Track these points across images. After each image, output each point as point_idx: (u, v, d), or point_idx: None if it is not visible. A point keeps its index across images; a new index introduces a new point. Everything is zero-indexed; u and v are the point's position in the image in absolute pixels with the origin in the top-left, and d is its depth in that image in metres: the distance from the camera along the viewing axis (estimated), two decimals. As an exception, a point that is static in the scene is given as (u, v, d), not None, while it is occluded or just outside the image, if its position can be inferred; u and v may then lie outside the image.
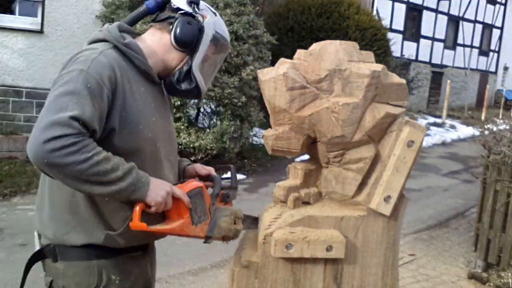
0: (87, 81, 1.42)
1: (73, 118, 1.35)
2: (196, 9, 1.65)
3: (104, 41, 1.57)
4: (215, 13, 1.72)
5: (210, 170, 1.85)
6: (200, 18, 1.64)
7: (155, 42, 1.64)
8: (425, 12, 18.25)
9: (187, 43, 1.62)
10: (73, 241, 1.52)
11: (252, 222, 1.73)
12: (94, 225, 1.51)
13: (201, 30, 1.64)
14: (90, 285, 1.52)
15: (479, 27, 21.17)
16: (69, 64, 1.48)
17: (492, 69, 22.91)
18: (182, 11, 1.63)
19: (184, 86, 1.67)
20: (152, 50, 1.63)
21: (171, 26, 1.63)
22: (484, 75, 22.13)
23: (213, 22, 1.67)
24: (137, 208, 1.45)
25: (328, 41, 1.47)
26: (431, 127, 13.82)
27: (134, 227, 1.46)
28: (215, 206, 1.63)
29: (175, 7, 1.64)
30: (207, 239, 1.58)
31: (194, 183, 1.59)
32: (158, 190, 1.47)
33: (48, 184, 1.57)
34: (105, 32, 1.59)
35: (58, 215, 1.53)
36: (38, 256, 1.59)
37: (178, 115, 7.08)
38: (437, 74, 19.38)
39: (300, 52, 1.49)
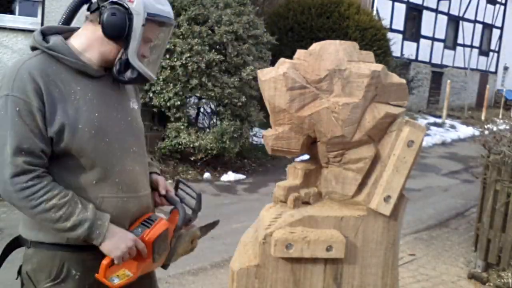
0: (15, 105, 1.45)
1: (16, 154, 1.44)
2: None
3: (35, 48, 1.58)
4: None
5: (171, 191, 1.80)
6: (127, 4, 1.56)
7: (89, 36, 1.60)
8: (425, 12, 18.24)
9: (117, 35, 1.57)
10: (42, 239, 1.56)
11: (207, 229, 1.85)
12: None
13: (130, 17, 1.56)
14: (50, 274, 1.54)
15: (479, 27, 21.16)
16: None
17: (492, 69, 22.90)
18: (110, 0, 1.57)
19: (127, 76, 1.62)
20: (88, 45, 1.60)
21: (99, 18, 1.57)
22: (484, 75, 22.13)
23: (142, 4, 1.57)
24: (104, 263, 1.49)
25: (328, 41, 1.47)
26: (431, 127, 13.82)
27: (98, 278, 1.50)
28: (176, 236, 1.66)
29: None
30: (165, 266, 1.66)
31: (161, 225, 1.60)
32: (118, 243, 1.51)
33: None
34: (32, 39, 1.58)
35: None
36: (17, 243, 1.65)
37: (178, 115, 7.09)
38: (437, 74, 19.37)
39: (300, 52, 1.49)
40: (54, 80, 1.52)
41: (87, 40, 1.60)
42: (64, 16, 1.67)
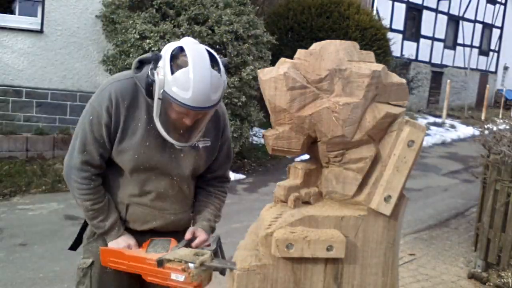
0: (91, 114, 1.81)
1: (81, 151, 1.82)
2: (156, 65, 1.67)
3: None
4: (175, 70, 1.62)
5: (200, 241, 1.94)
6: (156, 74, 1.66)
7: None
8: (425, 12, 18.25)
9: (147, 93, 1.75)
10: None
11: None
12: None
13: (153, 85, 1.70)
14: (88, 236, 2.02)
15: (479, 27, 21.17)
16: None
17: (492, 69, 22.91)
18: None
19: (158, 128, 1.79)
20: None
21: None
22: (484, 75, 22.13)
23: (163, 81, 1.63)
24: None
25: (328, 41, 1.47)
26: (431, 127, 13.83)
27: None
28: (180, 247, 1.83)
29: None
30: (159, 262, 1.75)
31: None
32: (120, 241, 1.91)
33: None
34: (133, 64, 1.80)
35: None
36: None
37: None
38: (437, 74, 19.38)
39: (300, 52, 1.49)
40: (129, 105, 1.80)
41: None
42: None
